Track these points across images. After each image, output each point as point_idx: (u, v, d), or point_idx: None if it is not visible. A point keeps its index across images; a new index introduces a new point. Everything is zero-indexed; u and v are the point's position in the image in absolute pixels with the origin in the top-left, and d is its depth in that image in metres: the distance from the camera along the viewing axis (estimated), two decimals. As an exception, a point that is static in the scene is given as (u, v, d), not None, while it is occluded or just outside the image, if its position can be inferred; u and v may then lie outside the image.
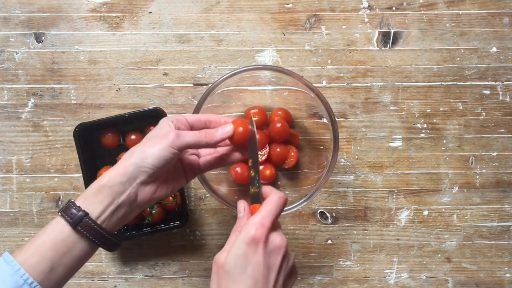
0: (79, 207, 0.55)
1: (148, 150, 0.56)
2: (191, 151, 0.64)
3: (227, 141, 0.62)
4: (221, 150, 0.65)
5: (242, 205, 0.58)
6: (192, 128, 0.62)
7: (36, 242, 0.54)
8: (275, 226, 0.54)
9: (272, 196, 0.55)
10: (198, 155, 0.65)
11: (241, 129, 0.62)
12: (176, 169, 0.62)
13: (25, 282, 0.52)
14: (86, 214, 0.54)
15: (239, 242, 0.52)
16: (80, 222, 0.54)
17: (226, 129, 0.61)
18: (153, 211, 0.80)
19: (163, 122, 0.60)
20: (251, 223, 0.53)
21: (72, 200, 0.55)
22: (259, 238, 0.51)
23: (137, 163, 0.56)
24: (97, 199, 0.55)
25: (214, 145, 0.61)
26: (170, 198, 0.80)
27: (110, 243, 0.56)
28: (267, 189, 0.58)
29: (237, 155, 0.65)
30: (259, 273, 0.51)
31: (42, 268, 0.53)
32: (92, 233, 0.55)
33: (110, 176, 0.56)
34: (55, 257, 0.54)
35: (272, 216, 0.54)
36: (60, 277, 0.54)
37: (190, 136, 0.58)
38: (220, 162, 0.65)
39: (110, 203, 0.55)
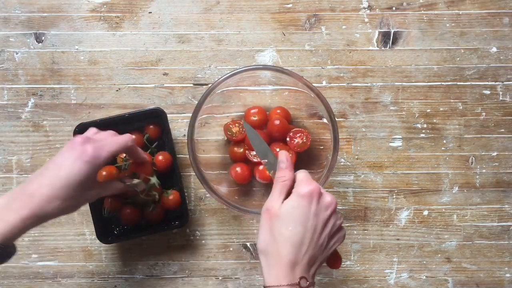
0: None
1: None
2: None
3: None
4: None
5: (285, 154, 0.63)
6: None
7: None
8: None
9: (300, 171, 0.63)
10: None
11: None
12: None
13: None
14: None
15: (295, 196, 0.59)
16: None
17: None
18: (154, 211, 0.80)
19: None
20: (303, 181, 0.60)
21: None
22: (315, 193, 0.58)
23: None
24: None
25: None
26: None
27: (6, 255, 0.59)
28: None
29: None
30: (309, 223, 0.58)
31: None
32: None
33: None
34: None
35: (309, 175, 0.62)
36: None
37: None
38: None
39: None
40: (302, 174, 0.62)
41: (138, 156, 0.69)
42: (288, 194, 0.60)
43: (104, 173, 0.79)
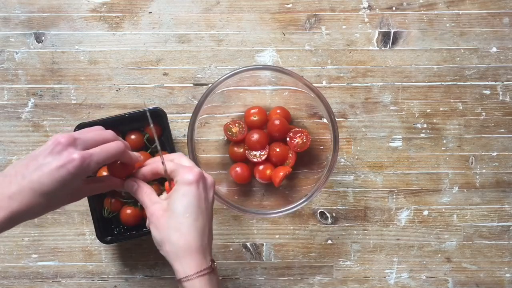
0: None
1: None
2: None
3: None
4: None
5: (132, 181, 0.63)
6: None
7: None
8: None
9: (180, 154, 0.65)
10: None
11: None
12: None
13: None
14: None
15: (182, 185, 0.58)
16: None
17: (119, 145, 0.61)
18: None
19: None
20: (183, 169, 0.59)
21: None
22: (200, 177, 0.59)
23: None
24: None
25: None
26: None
27: None
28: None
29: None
30: (203, 206, 0.59)
31: None
32: None
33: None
34: None
35: (188, 160, 0.63)
36: None
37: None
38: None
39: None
40: (177, 160, 0.62)
41: (131, 159, 0.65)
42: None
43: (104, 173, 0.79)
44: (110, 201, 0.80)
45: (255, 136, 0.79)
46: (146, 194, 0.61)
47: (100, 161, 0.56)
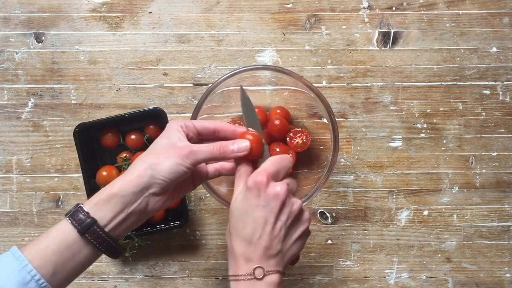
0: (87, 213, 0.54)
1: (163, 163, 0.56)
2: None
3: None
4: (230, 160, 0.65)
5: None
6: (199, 134, 0.62)
7: (40, 244, 0.53)
8: (278, 178, 0.59)
9: (283, 155, 0.61)
10: (207, 162, 0.65)
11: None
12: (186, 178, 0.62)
13: (32, 279, 0.51)
14: (95, 221, 0.54)
15: (244, 188, 0.57)
16: (88, 230, 0.53)
17: (242, 146, 0.60)
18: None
19: (172, 128, 0.60)
20: (255, 172, 0.57)
21: (81, 205, 0.55)
22: (260, 184, 0.56)
23: (152, 175, 0.55)
24: (107, 207, 0.55)
25: (228, 159, 0.61)
26: None
27: (115, 251, 0.57)
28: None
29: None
30: (258, 214, 0.56)
31: (45, 272, 0.52)
32: (99, 241, 0.54)
33: (122, 185, 0.55)
34: (59, 262, 0.53)
35: (274, 166, 0.58)
36: (62, 280, 0.54)
37: (205, 153, 0.58)
38: (228, 170, 0.66)
39: (120, 212, 0.55)
40: (263, 165, 0.59)
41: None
42: None
43: (104, 173, 0.79)
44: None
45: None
46: (242, 176, 0.60)
47: (205, 158, 0.59)
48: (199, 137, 0.62)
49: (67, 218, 0.54)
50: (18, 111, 0.84)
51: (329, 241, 0.84)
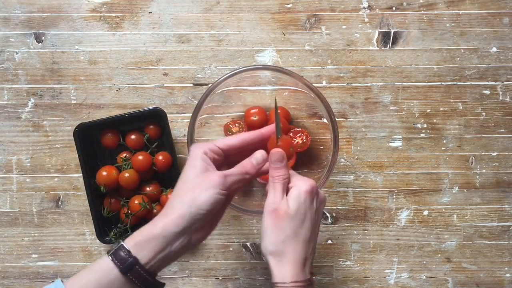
0: (129, 252, 0.55)
1: (201, 198, 0.56)
2: None
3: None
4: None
5: (279, 153, 0.61)
6: (225, 153, 0.62)
7: (81, 280, 0.54)
8: None
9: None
10: None
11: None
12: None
13: None
14: (137, 261, 0.54)
15: (299, 192, 0.59)
16: (130, 270, 0.54)
17: (258, 160, 0.61)
18: (154, 210, 0.80)
19: (196, 157, 0.59)
20: (299, 179, 0.61)
21: (123, 244, 0.55)
22: (315, 189, 0.60)
23: (192, 213, 0.55)
24: (149, 247, 0.55)
25: (255, 176, 0.61)
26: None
27: (155, 286, 0.58)
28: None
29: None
30: (314, 218, 0.60)
31: None
32: (140, 280, 0.55)
33: (164, 226, 0.55)
34: None
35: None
36: None
37: (236, 177, 0.59)
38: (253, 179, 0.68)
39: (162, 250, 0.56)
40: (292, 171, 0.63)
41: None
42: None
43: (104, 173, 0.79)
44: (109, 201, 0.80)
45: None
46: (284, 182, 0.60)
47: (236, 181, 0.60)
48: (226, 156, 0.62)
49: (110, 257, 0.55)
50: (18, 111, 0.84)
51: (329, 241, 0.84)
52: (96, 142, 0.82)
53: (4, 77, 0.83)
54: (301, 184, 0.59)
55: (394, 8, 0.84)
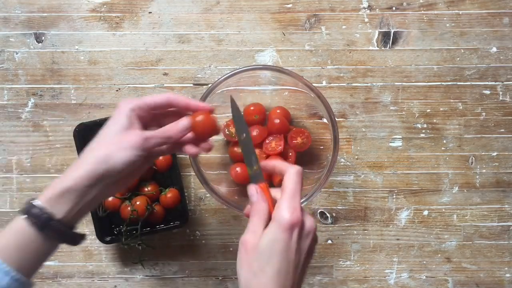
0: (43, 208, 0.54)
1: (117, 156, 0.54)
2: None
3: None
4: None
5: (253, 188, 0.56)
6: (154, 110, 0.59)
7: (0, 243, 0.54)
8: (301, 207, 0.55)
9: (290, 173, 0.55)
10: None
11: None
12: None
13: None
14: (52, 217, 0.54)
15: (275, 228, 0.52)
16: (46, 226, 0.53)
17: (182, 124, 0.58)
18: (154, 210, 0.80)
19: (122, 111, 0.57)
20: (283, 207, 0.52)
21: (36, 201, 0.54)
22: (295, 223, 0.52)
23: (105, 169, 0.54)
24: (61, 201, 0.54)
25: (177, 140, 0.59)
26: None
27: (75, 239, 0.57)
28: (279, 164, 0.57)
29: (194, 149, 0.61)
30: (291, 256, 0.52)
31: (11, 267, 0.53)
32: (58, 234, 0.54)
33: (75, 179, 0.54)
34: (20, 258, 0.54)
35: (298, 196, 0.54)
36: (27, 272, 0.55)
37: (157, 140, 0.57)
38: (174, 149, 0.62)
39: (76, 204, 0.55)
40: (284, 196, 0.54)
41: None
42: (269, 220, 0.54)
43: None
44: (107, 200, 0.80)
45: (254, 132, 0.79)
46: (258, 214, 0.54)
47: (157, 144, 0.57)
48: (153, 113, 0.60)
49: (24, 216, 0.54)
50: (18, 111, 0.84)
51: (329, 241, 0.84)
52: (96, 142, 0.82)
53: (4, 77, 0.83)
54: (280, 217, 0.52)
55: (394, 8, 0.84)
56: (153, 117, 0.60)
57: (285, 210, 0.52)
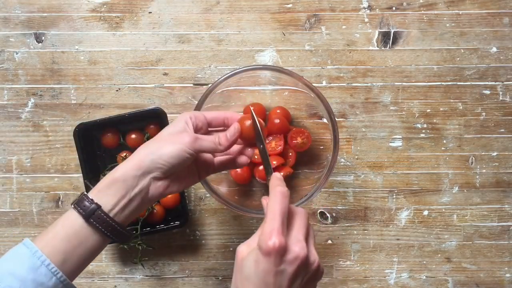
0: (91, 199, 0.55)
1: (165, 148, 0.57)
2: None
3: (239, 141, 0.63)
4: (232, 151, 0.65)
5: (264, 202, 0.56)
6: (210, 125, 0.63)
7: (48, 234, 0.55)
8: (293, 227, 0.53)
9: (273, 195, 0.53)
10: (213, 154, 0.65)
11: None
12: (190, 166, 0.62)
13: (42, 264, 0.53)
14: (99, 207, 0.55)
15: (256, 250, 0.51)
16: (92, 215, 0.55)
17: (232, 131, 0.61)
18: (154, 210, 0.80)
19: (181, 118, 0.60)
20: (266, 232, 0.50)
21: (85, 193, 0.56)
22: (275, 251, 0.49)
23: (153, 159, 0.57)
24: (110, 192, 0.56)
25: (227, 149, 0.61)
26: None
27: (121, 236, 0.57)
28: (272, 182, 0.56)
29: (245, 157, 0.65)
30: (270, 280, 0.50)
31: (55, 259, 0.53)
32: (104, 226, 0.55)
33: (124, 170, 0.56)
34: (68, 249, 0.54)
35: (279, 218, 0.51)
36: (73, 268, 0.55)
37: (207, 143, 0.59)
38: (233, 163, 0.65)
39: (123, 196, 0.56)
40: (268, 222, 0.51)
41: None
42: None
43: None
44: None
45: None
46: (262, 227, 0.53)
47: (206, 148, 0.59)
48: (209, 128, 0.63)
49: (73, 206, 0.56)
50: (18, 111, 0.84)
51: (329, 241, 0.84)
52: (96, 142, 0.82)
53: (4, 77, 0.83)
54: (261, 241, 0.50)
55: (394, 8, 0.84)
56: (208, 133, 0.63)
57: (267, 235, 0.50)
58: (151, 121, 0.81)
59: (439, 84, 0.84)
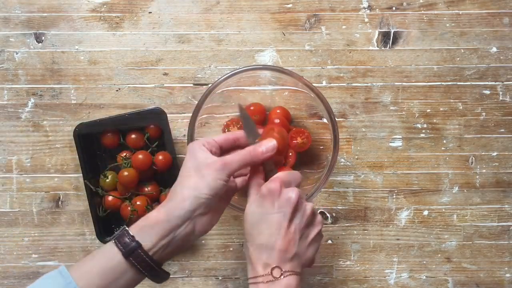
0: (132, 236, 0.55)
1: (203, 182, 0.57)
2: None
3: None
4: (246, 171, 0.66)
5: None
6: (221, 148, 0.63)
7: (85, 265, 0.55)
8: (290, 186, 0.59)
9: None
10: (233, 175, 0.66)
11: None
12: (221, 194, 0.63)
13: None
14: (140, 245, 0.55)
15: (257, 196, 0.59)
16: (132, 253, 0.54)
17: (270, 146, 0.61)
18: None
19: (195, 149, 0.60)
20: (269, 180, 0.59)
21: (127, 229, 0.56)
22: (273, 190, 0.57)
23: (195, 196, 0.56)
24: (152, 231, 0.56)
25: (260, 163, 0.62)
26: None
27: (158, 275, 0.57)
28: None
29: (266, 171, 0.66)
30: (273, 220, 0.57)
31: None
32: (143, 265, 0.55)
33: (168, 210, 0.56)
34: (102, 284, 0.54)
35: (286, 176, 0.60)
36: None
37: (237, 161, 0.59)
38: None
39: (165, 236, 0.56)
40: (276, 174, 0.61)
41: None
42: None
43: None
44: (107, 199, 0.80)
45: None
46: (253, 185, 0.61)
47: (237, 167, 0.60)
48: (221, 151, 0.63)
49: (113, 241, 0.55)
50: (18, 111, 0.84)
51: (329, 241, 0.84)
52: (96, 142, 0.82)
53: (4, 77, 0.83)
54: (262, 187, 0.59)
55: (394, 8, 0.84)
56: (221, 154, 0.63)
57: (268, 181, 0.59)
58: (151, 121, 0.81)
59: (439, 84, 0.84)
